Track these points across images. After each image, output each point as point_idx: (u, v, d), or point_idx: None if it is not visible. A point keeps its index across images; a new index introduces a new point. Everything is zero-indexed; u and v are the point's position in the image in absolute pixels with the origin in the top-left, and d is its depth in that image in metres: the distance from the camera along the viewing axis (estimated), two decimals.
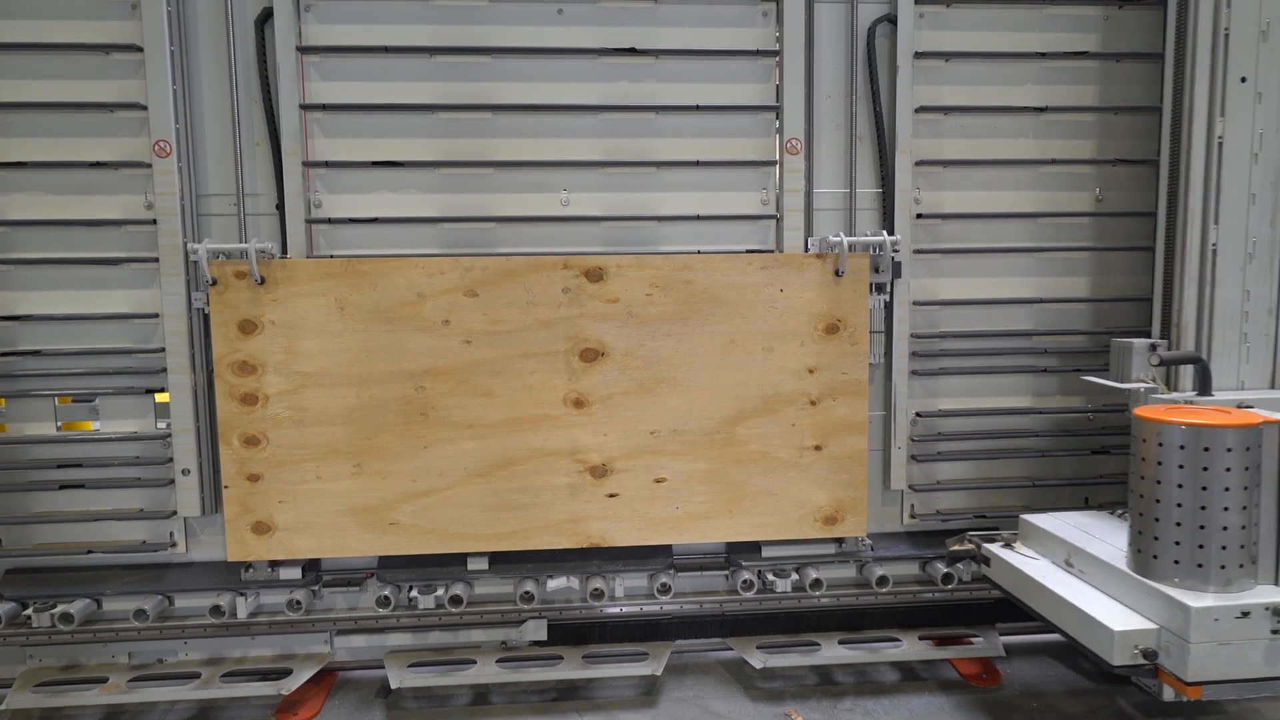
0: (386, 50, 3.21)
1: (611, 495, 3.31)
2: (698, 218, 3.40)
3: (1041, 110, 3.45)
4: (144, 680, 3.29)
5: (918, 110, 3.38)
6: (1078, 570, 2.83)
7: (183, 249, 3.13)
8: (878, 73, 3.38)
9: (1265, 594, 2.36)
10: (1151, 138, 3.50)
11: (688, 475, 3.33)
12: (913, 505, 3.56)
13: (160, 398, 3.26)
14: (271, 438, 3.17)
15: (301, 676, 3.27)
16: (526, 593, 3.30)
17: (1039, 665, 3.56)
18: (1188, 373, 3.10)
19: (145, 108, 3.10)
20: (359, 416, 3.19)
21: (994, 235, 3.51)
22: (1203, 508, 2.37)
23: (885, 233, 3.34)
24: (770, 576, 3.42)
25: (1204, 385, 2.98)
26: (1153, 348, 3.09)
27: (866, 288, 3.32)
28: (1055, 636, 3.59)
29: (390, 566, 3.37)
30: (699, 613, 3.51)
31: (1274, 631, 2.30)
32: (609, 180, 3.37)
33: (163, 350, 3.19)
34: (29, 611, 3.18)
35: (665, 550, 3.46)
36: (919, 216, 3.46)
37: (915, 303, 3.46)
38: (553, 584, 3.36)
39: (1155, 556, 2.45)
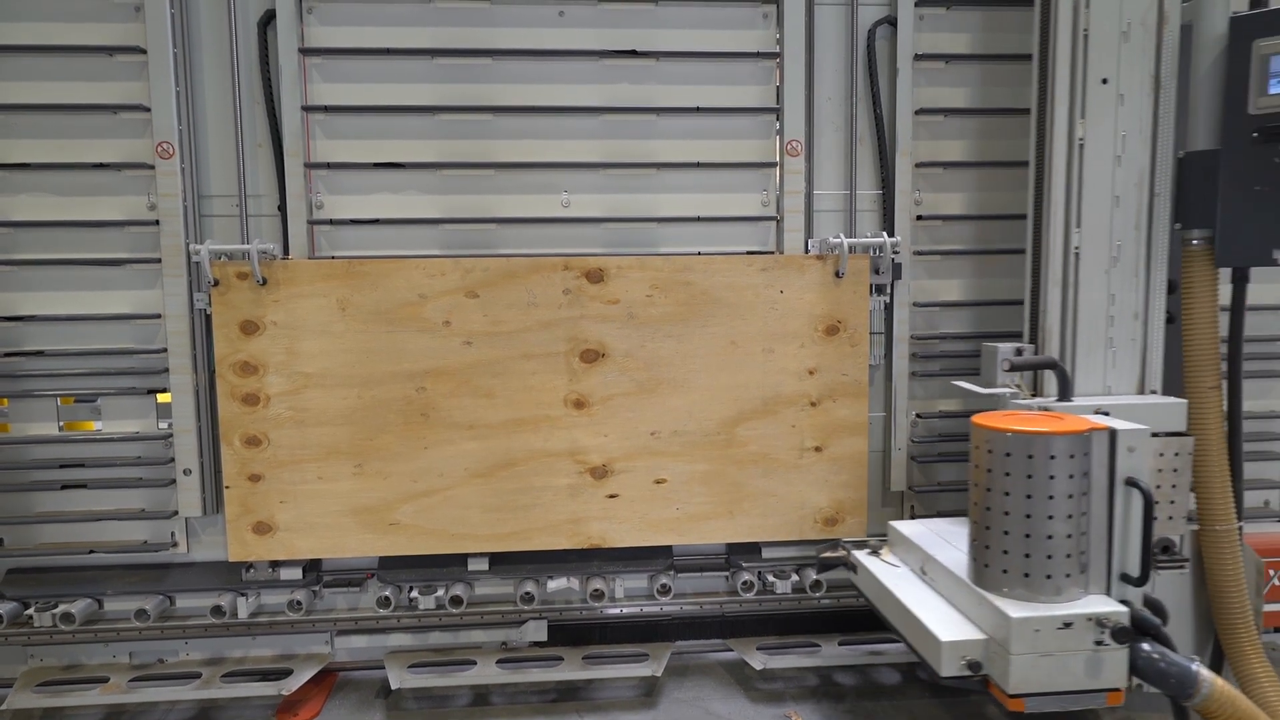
0: (388, 52, 3.22)
1: (612, 496, 3.32)
2: (698, 219, 3.40)
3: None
4: (145, 680, 3.29)
5: (918, 112, 3.39)
6: (930, 579, 2.74)
7: (185, 250, 3.15)
8: (878, 75, 3.39)
9: (1092, 604, 2.28)
10: None
11: (688, 476, 3.33)
12: (913, 506, 3.56)
13: (162, 398, 3.27)
14: (273, 438, 3.18)
15: (302, 677, 3.28)
16: (527, 593, 3.31)
17: None
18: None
19: (148, 109, 3.12)
20: (360, 417, 3.20)
21: (994, 237, 3.52)
22: (1027, 516, 2.28)
23: (885, 234, 3.35)
24: (770, 578, 3.42)
25: (1064, 390, 2.90)
26: (1018, 352, 3.04)
27: (867, 289, 3.33)
28: None
29: (391, 567, 3.37)
30: (699, 614, 3.51)
31: (1098, 643, 2.22)
32: (610, 182, 3.38)
33: (165, 351, 3.20)
34: (31, 611, 3.20)
35: (665, 551, 3.46)
36: (919, 218, 3.46)
37: (915, 304, 3.47)
38: (553, 585, 3.36)
39: (987, 565, 2.37)
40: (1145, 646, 2.28)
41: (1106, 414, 2.77)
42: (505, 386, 3.24)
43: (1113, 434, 2.34)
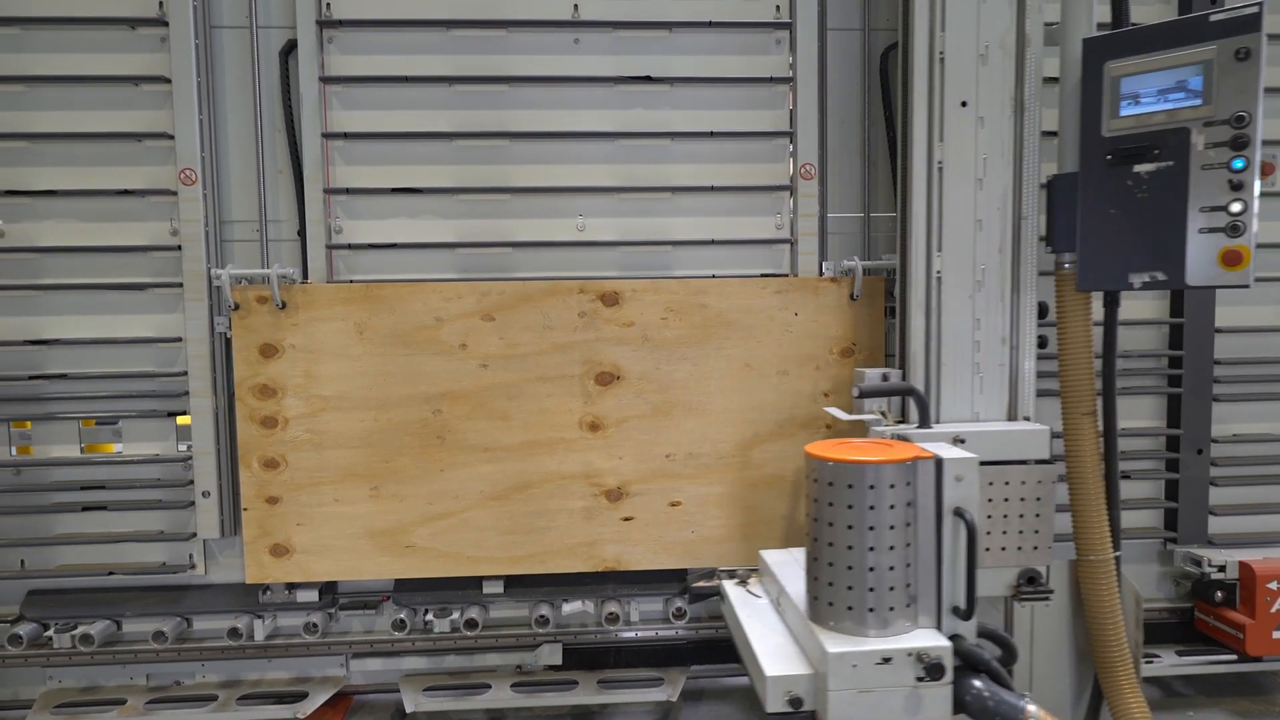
0: (407, 80, 3.28)
1: (627, 519, 3.31)
2: (712, 242, 3.42)
3: (1052, 134, 3.45)
4: (162, 702, 3.30)
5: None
6: (782, 610, 2.61)
7: (206, 274, 3.19)
8: (893, 98, 3.41)
9: (917, 639, 2.16)
10: None
11: (703, 499, 3.33)
12: None
13: (182, 420, 3.31)
14: (290, 460, 3.20)
15: (317, 700, 3.28)
16: (542, 616, 3.30)
17: None
18: (931, 404, 2.95)
19: (172, 137, 3.18)
20: (377, 439, 3.22)
21: None
22: (849, 547, 2.17)
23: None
24: None
25: (924, 417, 2.81)
26: (885, 377, 2.99)
27: (882, 311, 3.33)
28: None
29: (406, 589, 3.38)
30: (715, 637, 3.49)
31: (919, 679, 2.10)
32: (624, 205, 3.41)
33: (185, 374, 3.23)
34: (50, 632, 3.22)
35: (681, 574, 3.45)
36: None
37: None
38: (568, 608, 3.35)
39: (816, 598, 2.27)
40: (977, 684, 2.18)
41: (962, 441, 2.73)
42: (521, 409, 3.25)
43: (939, 463, 2.23)
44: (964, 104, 2.89)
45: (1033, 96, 2.89)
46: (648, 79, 3.34)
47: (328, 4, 3.24)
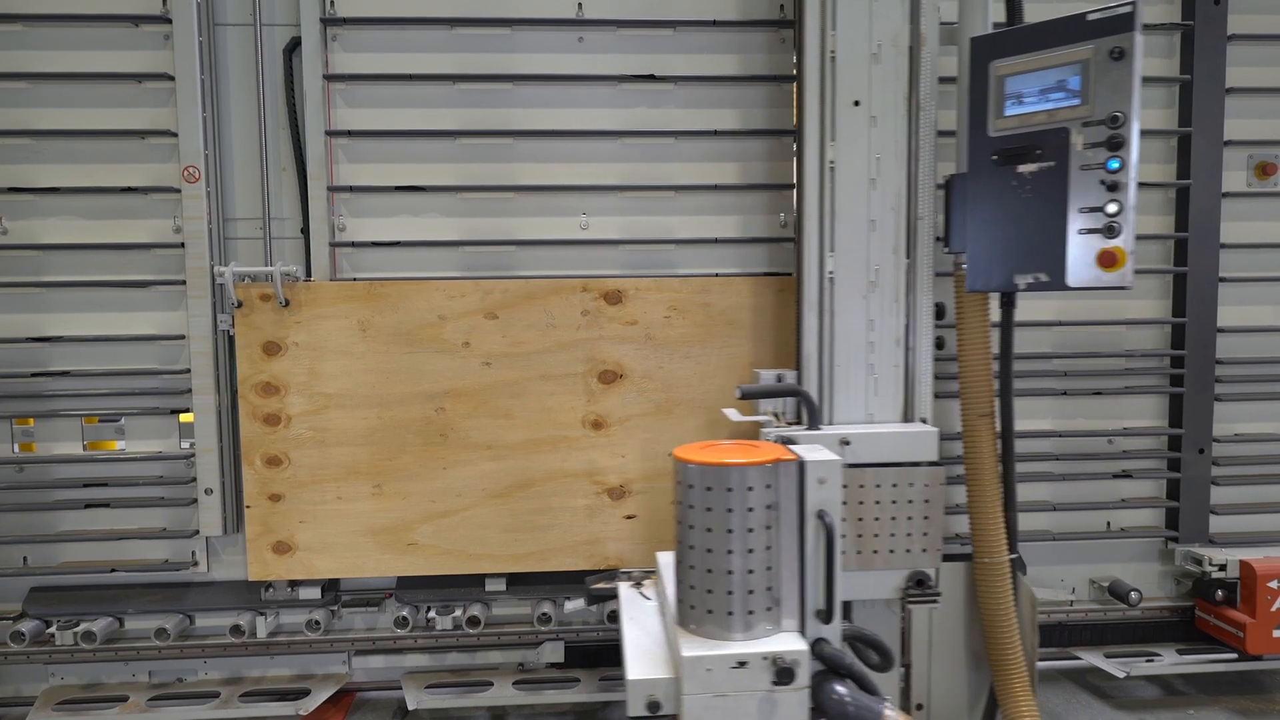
0: (410, 78, 3.27)
1: (629, 517, 3.32)
2: (715, 241, 3.42)
3: None
4: (164, 700, 3.30)
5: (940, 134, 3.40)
6: (664, 613, 2.55)
7: (210, 272, 3.19)
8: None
9: (776, 642, 2.10)
10: (1169, 161, 3.52)
11: None
12: None
13: (185, 418, 3.31)
14: (293, 458, 3.20)
15: (319, 697, 3.28)
16: (544, 614, 3.30)
17: (1061, 691, 3.52)
18: (825, 405, 2.94)
19: (175, 135, 3.18)
20: (379, 437, 3.22)
21: None
22: (709, 550, 2.12)
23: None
24: None
25: (811, 418, 2.80)
26: (779, 378, 2.96)
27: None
28: (1079, 662, 3.57)
29: (409, 587, 3.38)
30: None
31: (775, 682, 2.06)
32: (628, 204, 3.41)
33: (188, 371, 3.23)
34: (52, 629, 3.22)
35: None
36: (938, 239, 3.46)
37: (937, 324, 3.45)
38: (570, 605, 3.35)
39: (681, 601, 2.22)
40: (839, 689, 2.13)
41: (848, 443, 2.73)
42: (523, 407, 3.26)
43: (801, 465, 2.17)
44: (857, 103, 2.87)
45: (929, 96, 2.87)
46: (651, 77, 3.34)
47: (331, 2, 3.24)
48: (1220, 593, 3.42)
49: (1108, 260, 2.53)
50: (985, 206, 2.74)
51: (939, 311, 2.98)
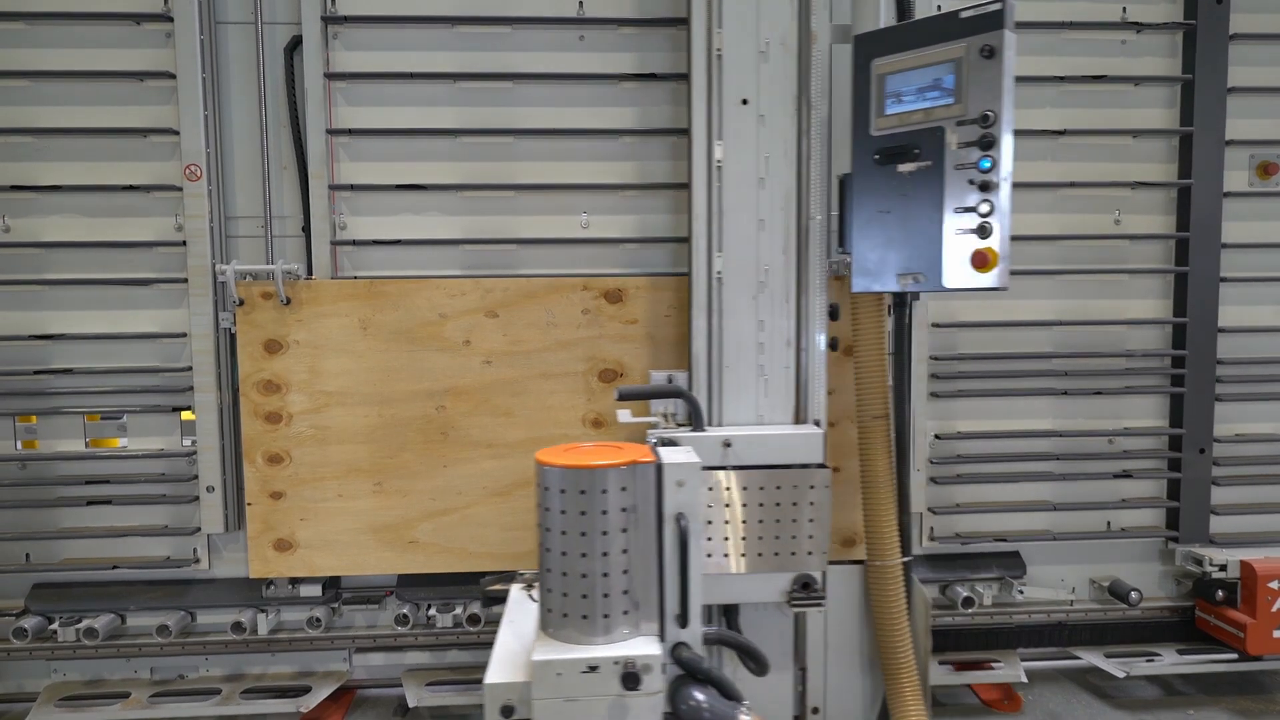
0: (411, 76, 3.28)
1: None
2: None
3: (1060, 133, 3.46)
4: (165, 696, 3.32)
5: None
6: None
7: (211, 270, 3.20)
8: None
9: (632, 646, 2.06)
10: (1171, 161, 3.52)
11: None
12: (931, 528, 3.54)
13: (186, 416, 3.32)
14: (294, 456, 3.21)
15: (320, 694, 3.29)
16: None
17: (1060, 691, 3.52)
18: (714, 407, 2.89)
19: (177, 133, 3.18)
20: (380, 435, 3.23)
21: (1013, 257, 3.50)
22: (564, 553, 2.08)
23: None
24: None
25: (695, 420, 2.79)
26: (670, 379, 2.92)
27: (885, 308, 3.32)
28: (1079, 662, 3.57)
29: (409, 584, 3.39)
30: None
31: (623, 687, 2.02)
32: (628, 203, 3.41)
33: (190, 369, 3.24)
34: (54, 626, 3.23)
35: None
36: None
37: (934, 324, 3.46)
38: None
39: (542, 604, 2.19)
40: (697, 695, 2.12)
41: (729, 445, 2.71)
42: (524, 405, 3.26)
43: (659, 468, 2.15)
44: (745, 101, 2.83)
45: (820, 95, 2.84)
46: (653, 76, 3.34)
47: (333, 0, 3.24)
48: (1221, 593, 3.42)
49: (979, 261, 2.51)
50: (868, 206, 2.72)
51: (833, 312, 2.95)
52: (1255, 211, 3.57)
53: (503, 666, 2.15)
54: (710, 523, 2.76)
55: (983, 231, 2.51)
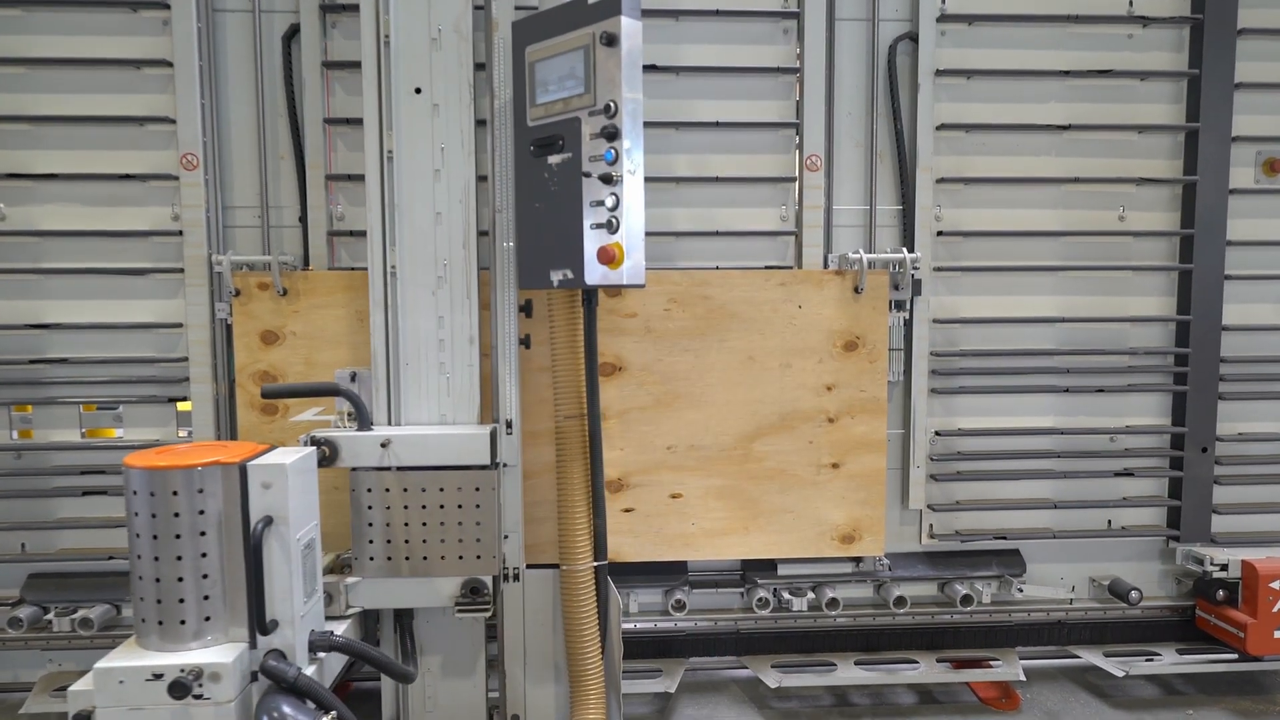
0: None
1: (627, 510, 3.30)
2: (716, 233, 3.39)
3: (1065, 128, 3.43)
4: None
5: (939, 127, 3.37)
6: None
7: (207, 260, 3.18)
8: (898, 90, 3.37)
9: (214, 654, 2.04)
10: (1176, 157, 3.49)
11: (704, 491, 3.31)
12: (931, 525, 3.52)
13: (182, 406, 3.30)
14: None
15: None
16: None
17: (1059, 690, 3.50)
18: (394, 406, 2.83)
19: (174, 121, 3.16)
20: None
21: (1016, 253, 3.49)
22: (139, 557, 2.05)
23: (905, 250, 3.33)
24: (786, 595, 3.40)
25: (360, 419, 2.70)
26: (353, 377, 2.85)
27: (886, 305, 3.31)
28: (1077, 661, 3.56)
29: None
30: (714, 630, 3.49)
31: (195, 696, 1.98)
32: None
33: (186, 359, 3.23)
34: (50, 616, 3.22)
35: (680, 566, 3.44)
36: (940, 234, 3.44)
37: (935, 320, 3.44)
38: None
39: (134, 612, 2.13)
40: (285, 708, 2.07)
41: (386, 445, 2.63)
42: (521, 399, 3.23)
43: (242, 469, 2.11)
44: (418, 90, 2.75)
45: (502, 83, 2.76)
46: (653, 67, 3.31)
47: None
48: (1221, 592, 3.40)
49: (606, 257, 2.45)
50: (527, 200, 2.65)
51: (526, 309, 2.91)
52: (1261, 209, 3.54)
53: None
54: (371, 525, 2.70)
55: (610, 226, 2.44)
